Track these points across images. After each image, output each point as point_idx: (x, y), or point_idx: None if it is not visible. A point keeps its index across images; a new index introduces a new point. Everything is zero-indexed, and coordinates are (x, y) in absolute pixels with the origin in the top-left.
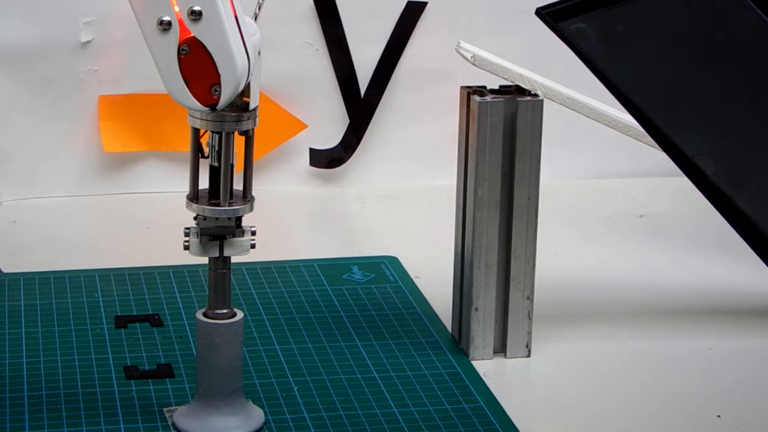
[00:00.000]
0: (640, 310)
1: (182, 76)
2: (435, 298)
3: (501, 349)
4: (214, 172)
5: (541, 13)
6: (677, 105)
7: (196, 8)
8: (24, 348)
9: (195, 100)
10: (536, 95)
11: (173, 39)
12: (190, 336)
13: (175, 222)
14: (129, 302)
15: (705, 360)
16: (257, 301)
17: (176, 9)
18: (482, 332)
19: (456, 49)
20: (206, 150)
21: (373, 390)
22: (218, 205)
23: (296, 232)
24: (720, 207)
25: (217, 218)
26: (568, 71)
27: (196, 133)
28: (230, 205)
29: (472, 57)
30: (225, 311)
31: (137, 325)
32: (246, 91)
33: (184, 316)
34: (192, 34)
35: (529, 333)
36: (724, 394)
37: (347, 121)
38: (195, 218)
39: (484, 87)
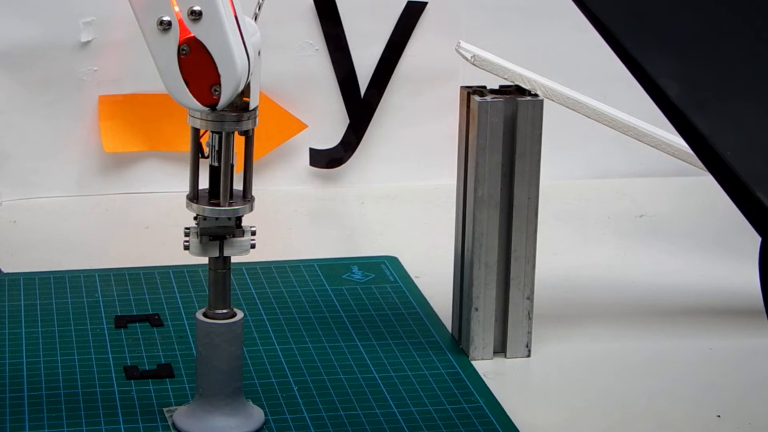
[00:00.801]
0: (640, 310)
1: (182, 76)
2: (435, 298)
3: (501, 349)
4: (214, 172)
5: None
6: (644, 25)
7: (196, 8)
8: (24, 348)
9: (195, 100)
10: (536, 95)
11: (173, 39)
12: (190, 336)
13: (175, 222)
14: (129, 302)
15: (705, 360)
16: (257, 301)
17: (176, 9)
18: (482, 332)
19: (456, 49)
20: (206, 150)
21: (373, 390)
22: (218, 205)
23: (296, 232)
24: (680, 129)
25: (217, 218)
26: (568, 71)
27: (196, 133)
28: (230, 205)
29: (472, 57)
30: (225, 311)
31: (137, 325)
32: (246, 91)
33: (184, 316)
34: (192, 34)
35: (529, 333)
36: (724, 394)
37: (347, 121)
38: (195, 218)
39: (484, 87)
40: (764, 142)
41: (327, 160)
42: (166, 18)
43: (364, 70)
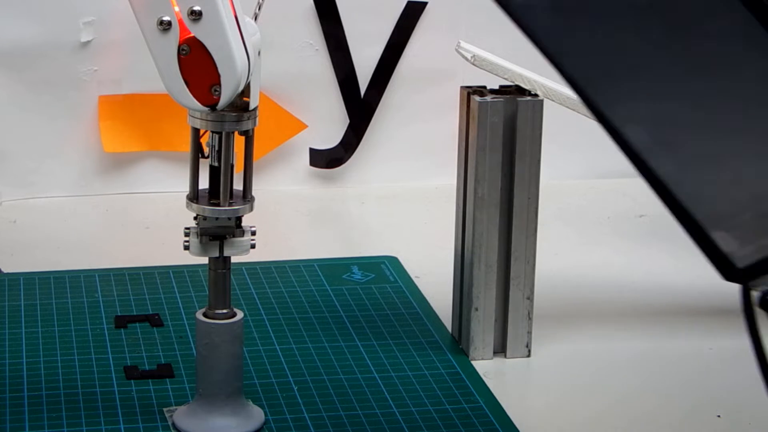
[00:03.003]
0: (640, 310)
1: (182, 76)
2: (435, 298)
3: (501, 349)
4: (214, 172)
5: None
6: (607, 73)
7: (196, 8)
8: (24, 348)
9: (195, 100)
10: (536, 95)
11: (173, 39)
12: (190, 336)
13: (175, 222)
14: (129, 302)
15: (705, 360)
16: (257, 301)
17: (176, 9)
18: (482, 332)
19: (456, 49)
20: (206, 150)
21: (373, 390)
22: (218, 205)
23: (296, 232)
24: (642, 173)
25: (217, 218)
26: None
27: (196, 133)
28: (230, 205)
29: (472, 57)
30: (225, 311)
31: (137, 325)
32: (246, 91)
33: (184, 316)
34: (192, 34)
35: (529, 333)
36: (724, 394)
37: (347, 121)
38: (195, 218)
39: (484, 87)
40: (722, 186)
41: (327, 160)
42: (166, 18)
43: (364, 70)
